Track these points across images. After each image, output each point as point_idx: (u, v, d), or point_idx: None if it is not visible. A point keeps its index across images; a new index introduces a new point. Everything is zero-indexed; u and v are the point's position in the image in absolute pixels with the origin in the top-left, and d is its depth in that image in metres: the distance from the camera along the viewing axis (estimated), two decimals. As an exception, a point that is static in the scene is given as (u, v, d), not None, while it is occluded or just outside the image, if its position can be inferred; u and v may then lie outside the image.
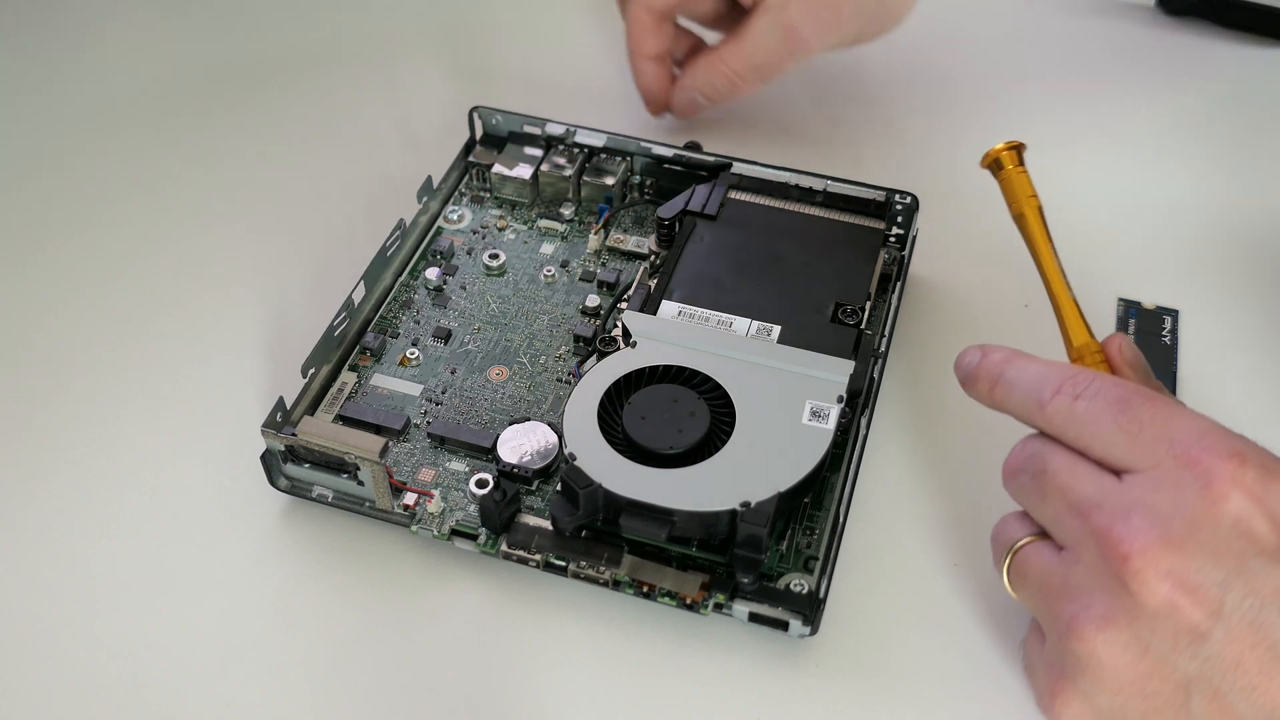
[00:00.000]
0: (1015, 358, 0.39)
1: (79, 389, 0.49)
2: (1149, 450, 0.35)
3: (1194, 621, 0.33)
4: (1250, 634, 0.32)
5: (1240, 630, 0.32)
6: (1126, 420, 0.35)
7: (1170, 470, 0.34)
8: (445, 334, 0.49)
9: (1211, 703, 0.33)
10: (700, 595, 0.40)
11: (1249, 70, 0.63)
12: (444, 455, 0.45)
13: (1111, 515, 0.34)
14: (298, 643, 0.42)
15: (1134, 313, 0.51)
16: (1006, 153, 0.44)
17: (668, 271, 0.48)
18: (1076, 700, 0.36)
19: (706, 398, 0.43)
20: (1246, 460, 0.33)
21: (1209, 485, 0.33)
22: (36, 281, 0.54)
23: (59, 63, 0.65)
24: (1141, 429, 0.35)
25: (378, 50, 0.65)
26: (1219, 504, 0.33)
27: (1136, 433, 0.35)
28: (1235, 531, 0.33)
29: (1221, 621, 0.33)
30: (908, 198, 0.51)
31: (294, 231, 0.55)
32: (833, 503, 0.43)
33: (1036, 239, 0.43)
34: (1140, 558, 0.33)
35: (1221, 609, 0.33)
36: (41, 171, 0.59)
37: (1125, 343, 0.40)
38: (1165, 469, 0.34)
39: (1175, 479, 0.34)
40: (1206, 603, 0.33)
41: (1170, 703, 0.34)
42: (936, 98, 0.62)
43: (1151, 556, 0.33)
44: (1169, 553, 0.33)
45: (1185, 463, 0.34)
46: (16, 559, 0.44)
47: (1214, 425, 0.35)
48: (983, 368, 0.40)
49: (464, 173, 0.55)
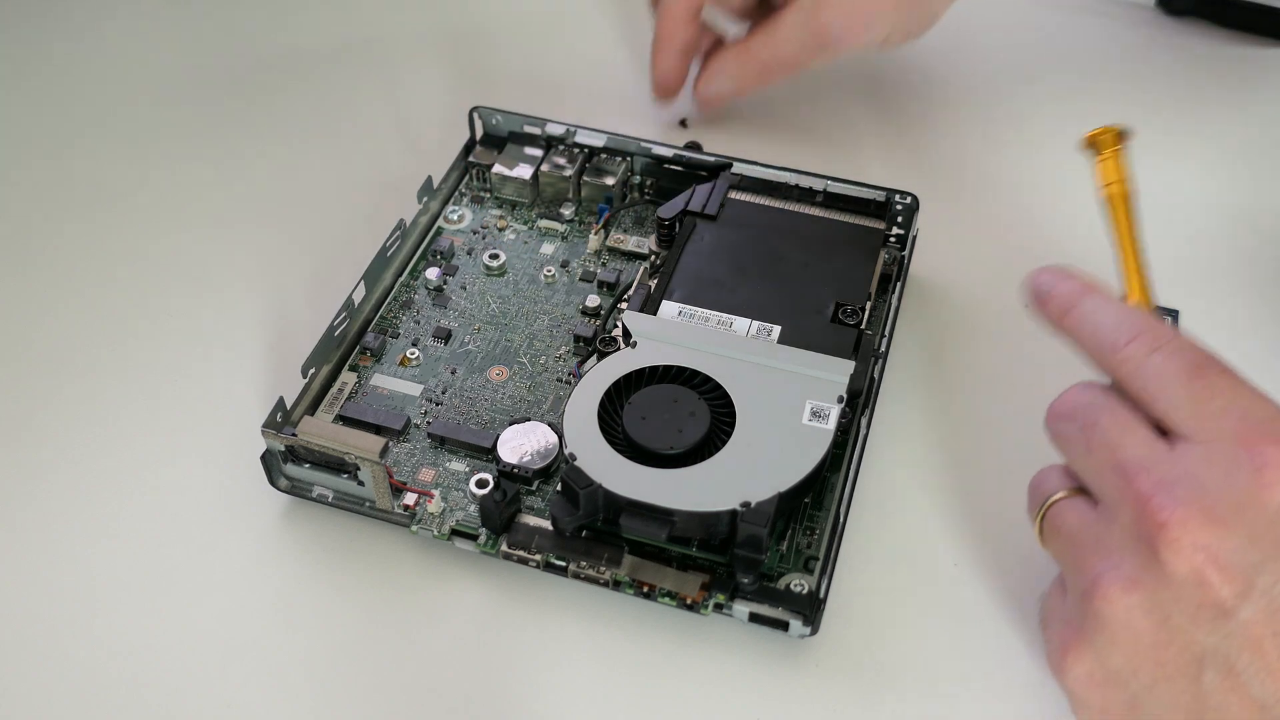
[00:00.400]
0: (1093, 291, 0.38)
1: (79, 389, 0.49)
2: (1212, 422, 0.34)
3: (1220, 597, 0.33)
4: (1276, 620, 0.32)
5: (1266, 614, 0.32)
6: (1200, 386, 0.35)
7: (1226, 448, 0.34)
8: (445, 334, 0.49)
9: (1225, 679, 0.33)
10: (700, 595, 0.40)
11: (1249, 70, 0.63)
12: (444, 455, 0.45)
13: (1157, 482, 0.34)
14: (298, 643, 0.42)
15: (1134, 313, 0.51)
16: (1105, 135, 0.42)
17: (668, 271, 0.48)
18: (1089, 658, 0.35)
19: (706, 398, 0.43)
20: None
21: (1263, 470, 0.33)
22: (36, 281, 0.54)
23: (59, 63, 0.65)
24: (1211, 398, 0.35)
25: (378, 50, 0.65)
26: (1269, 490, 0.33)
27: (1205, 401, 0.35)
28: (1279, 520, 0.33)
29: (1249, 603, 0.32)
30: (908, 198, 0.51)
31: (294, 231, 0.55)
32: (833, 503, 0.43)
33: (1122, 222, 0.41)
34: (1179, 528, 0.33)
35: (1251, 590, 0.32)
36: (41, 171, 0.59)
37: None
38: (1221, 445, 0.34)
39: (1230, 457, 0.33)
40: (1236, 581, 0.32)
41: (1182, 673, 0.34)
42: (936, 98, 0.62)
43: (1190, 528, 0.33)
44: (1208, 528, 0.33)
45: (1244, 443, 0.33)
46: (16, 559, 0.44)
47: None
48: (1059, 291, 0.39)
49: (464, 173, 0.55)
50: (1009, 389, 0.48)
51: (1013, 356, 0.50)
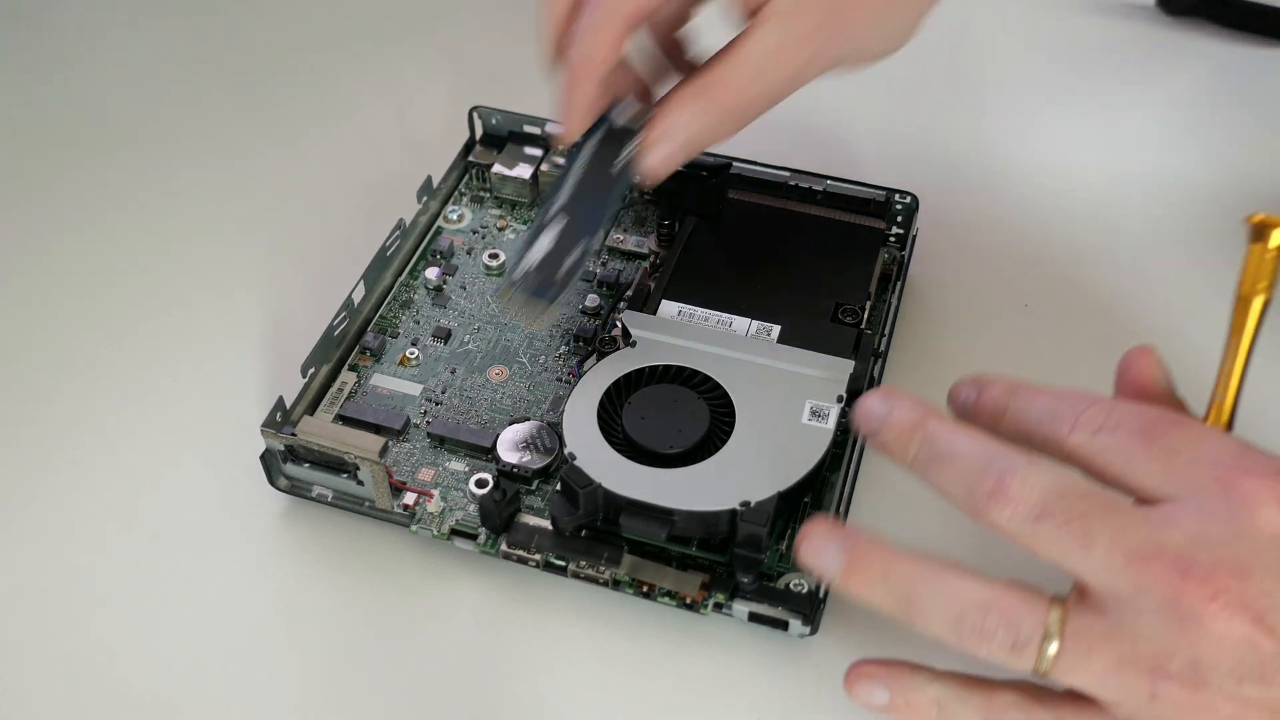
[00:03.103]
0: (1018, 388, 0.37)
1: (79, 389, 0.49)
2: (1187, 478, 0.33)
3: (1271, 651, 0.31)
4: None
5: None
6: (1159, 449, 0.34)
7: (1213, 495, 0.33)
8: (445, 334, 0.49)
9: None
10: (700, 595, 0.40)
11: (1249, 70, 0.63)
12: (444, 455, 0.45)
13: (1176, 558, 0.32)
14: (298, 643, 0.42)
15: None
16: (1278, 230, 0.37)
17: (667, 271, 0.48)
18: None
19: (706, 397, 0.43)
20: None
21: (1256, 509, 0.32)
22: (36, 281, 0.54)
23: (59, 62, 0.65)
24: (1175, 456, 0.33)
25: (377, 50, 0.65)
26: (1270, 525, 0.32)
27: (1170, 461, 0.33)
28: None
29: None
30: (908, 198, 0.51)
31: (294, 231, 0.55)
32: (833, 503, 0.43)
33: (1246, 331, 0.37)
34: (1223, 596, 0.31)
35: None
36: (41, 171, 0.59)
37: (1155, 361, 0.38)
38: (1208, 494, 0.33)
39: (1221, 504, 0.32)
40: (1277, 630, 0.31)
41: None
42: (936, 98, 0.62)
43: (1231, 590, 0.31)
44: (1243, 583, 0.31)
45: (1225, 486, 0.33)
46: (16, 559, 0.44)
47: (1246, 444, 0.34)
48: (984, 402, 0.37)
49: (464, 173, 0.55)
50: (1009, 389, 0.48)
51: (1013, 356, 0.50)
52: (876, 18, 0.43)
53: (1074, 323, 0.51)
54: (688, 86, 0.42)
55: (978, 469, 0.34)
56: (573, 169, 0.43)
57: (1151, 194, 0.57)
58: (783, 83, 0.42)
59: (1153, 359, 0.38)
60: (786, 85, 0.42)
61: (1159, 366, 0.38)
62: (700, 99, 0.42)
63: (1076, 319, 0.51)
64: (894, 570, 0.35)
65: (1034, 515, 0.33)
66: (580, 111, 0.42)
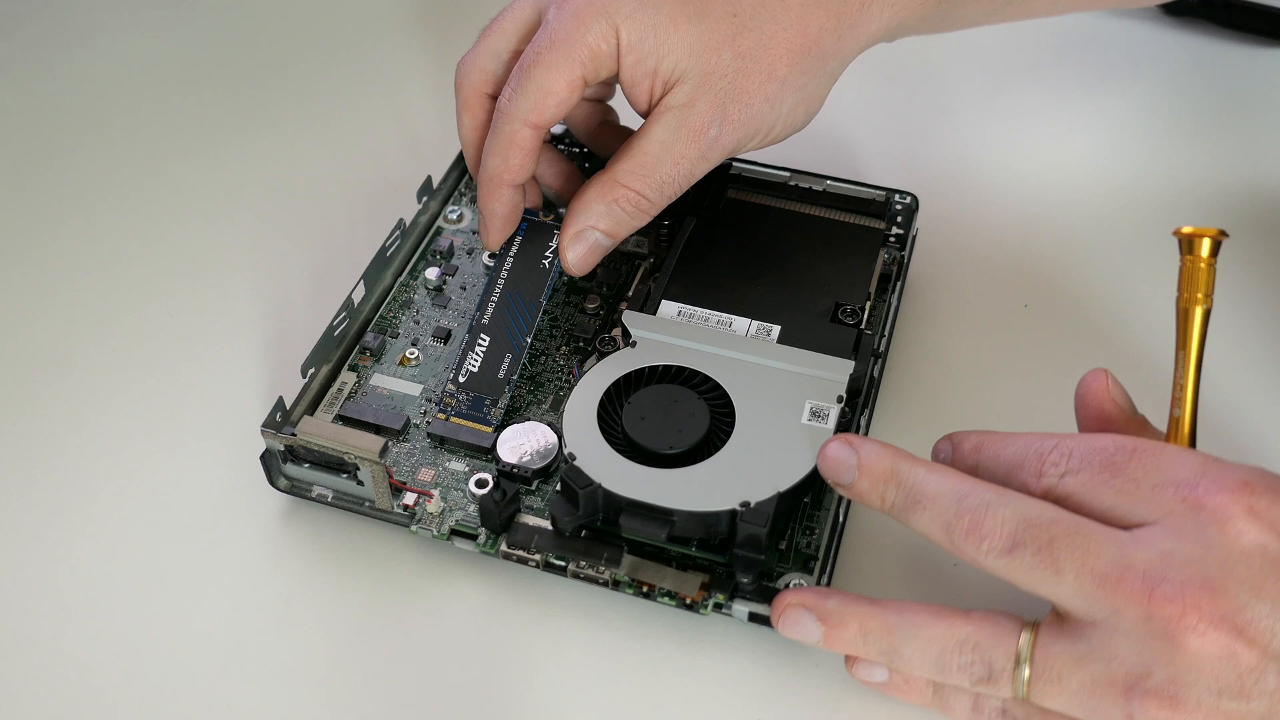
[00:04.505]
0: (983, 443, 0.38)
1: (78, 388, 0.49)
2: (1153, 503, 0.34)
3: (1250, 663, 0.32)
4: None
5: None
6: (1124, 480, 0.34)
7: (1183, 515, 0.33)
8: (445, 334, 0.49)
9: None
10: (700, 595, 0.40)
11: (1249, 70, 0.63)
12: (444, 455, 0.45)
13: (1145, 576, 0.33)
14: (298, 642, 0.42)
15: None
16: (1207, 238, 0.38)
17: (667, 271, 0.48)
18: None
19: (706, 398, 0.43)
20: (1255, 488, 0.33)
21: (1225, 524, 0.33)
22: (36, 280, 0.54)
23: (59, 61, 0.65)
24: (1140, 483, 0.34)
25: (378, 50, 0.65)
26: (1240, 538, 0.33)
27: (1135, 489, 0.34)
28: (1264, 560, 0.32)
29: (1274, 659, 0.32)
30: (908, 198, 0.51)
31: (294, 231, 0.55)
32: (833, 503, 0.43)
33: (1192, 343, 0.38)
34: (1194, 612, 0.32)
35: (1271, 646, 0.32)
36: (41, 170, 0.59)
37: (1112, 382, 0.39)
38: (1177, 515, 0.33)
39: (1191, 523, 0.33)
40: (1258, 642, 0.32)
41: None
42: (936, 98, 0.62)
43: (1204, 605, 0.32)
44: (1215, 599, 0.32)
45: (1193, 505, 0.33)
46: (16, 558, 0.44)
47: (1209, 459, 0.34)
48: (956, 462, 0.39)
49: (464, 173, 0.55)
50: (1008, 389, 0.48)
51: (1012, 356, 0.50)
52: (776, 96, 0.44)
53: (1074, 323, 0.51)
54: (592, 186, 0.44)
55: (953, 510, 0.36)
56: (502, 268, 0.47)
57: (1151, 194, 0.57)
58: (683, 174, 0.44)
59: (1107, 382, 0.39)
60: (687, 174, 0.44)
61: (1115, 388, 0.39)
62: (604, 199, 0.44)
63: (1076, 319, 0.51)
64: (869, 627, 0.37)
65: (1007, 548, 0.35)
66: (498, 221, 0.46)
